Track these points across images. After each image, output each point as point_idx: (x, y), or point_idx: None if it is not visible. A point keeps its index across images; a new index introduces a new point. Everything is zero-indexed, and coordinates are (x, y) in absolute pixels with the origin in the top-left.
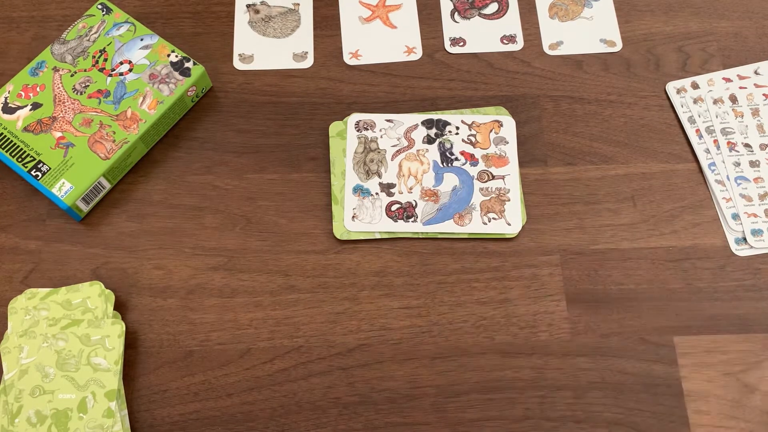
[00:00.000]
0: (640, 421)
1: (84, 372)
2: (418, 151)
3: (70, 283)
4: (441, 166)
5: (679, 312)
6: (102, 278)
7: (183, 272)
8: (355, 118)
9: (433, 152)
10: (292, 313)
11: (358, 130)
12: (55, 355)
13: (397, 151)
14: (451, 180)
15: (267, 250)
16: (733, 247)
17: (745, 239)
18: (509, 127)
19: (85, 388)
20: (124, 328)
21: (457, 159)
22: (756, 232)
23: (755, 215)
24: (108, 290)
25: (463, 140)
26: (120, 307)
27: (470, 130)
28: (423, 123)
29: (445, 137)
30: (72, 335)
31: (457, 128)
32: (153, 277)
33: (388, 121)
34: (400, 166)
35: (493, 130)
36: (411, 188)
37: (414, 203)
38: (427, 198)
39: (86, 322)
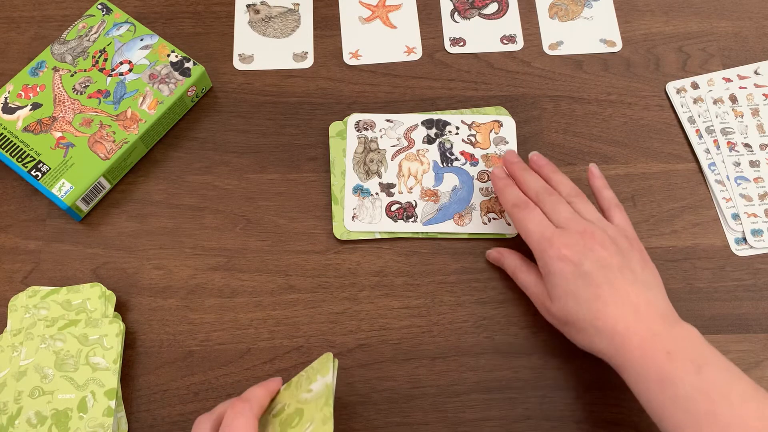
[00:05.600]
0: (640, 421)
1: (83, 372)
2: (418, 151)
3: (70, 283)
4: (441, 166)
5: (679, 312)
6: (102, 278)
7: (183, 272)
8: (355, 118)
9: (433, 152)
10: (292, 313)
11: (358, 130)
12: (54, 355)
13: (397, 151)
14: (451, 180)
15: (267, 250)
16: (733, 247)
17: (745, 239)
18: (509, 127)
19: (85, 387)
20: (122, 327)
21: (457, 159)
22: (756, 232)
23: (755, 215)
24: (109, 291)
25: (463, 140)
26: (120, 307)
27: (470, 130)
28: (423, 123)
29: (445, 137)
30: (70, 335)
31: (457, 128)
32: (153, 277)
33: (388, 121)
34: (400, 166)
35: (493, 130)
36: (411, 188)
37: (414, 203)
38: (427, 198)
39: (84, 322)
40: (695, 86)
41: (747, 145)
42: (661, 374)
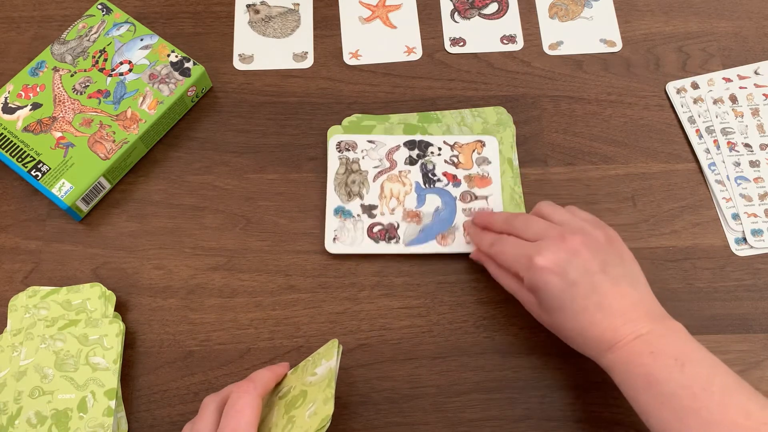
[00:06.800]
0: (640, 421)
1: (83, 372)
2: (400, 172)
3: (71, 283)
4: (423, 187)
5: (679, 312)
6: (102, 278)
7: (183, 272)
8: (336, 139)
9: (415, 173)
10: (292, 313)
11: (339, 151)
12: (54, 355)
13: (379, 172)
14: (433, 201)
15: (267, 250)
16: (733, 247)
17: (745, 239)
18: (492, 146)
19: (85, 387)
20: (122, 327)
21: (439, 180)
22: (756, 232)
23: (755, 215)
24: (109, 291)
25: (445, 161)
26: (120, 307)
27: (452, 151)
28: (405, 144)
29: (427, 158)
30: (70, 335)
31: (440, 149)
32: (153, 277)
33: (369, 142)
34: (381, 187)
35: (476, 151)
36: (393, 210)
37: (396, 224)
38: (409, 219)
39: (84, 322)
40: (695, 86)
41: (747, 145)
42: (646, 374)
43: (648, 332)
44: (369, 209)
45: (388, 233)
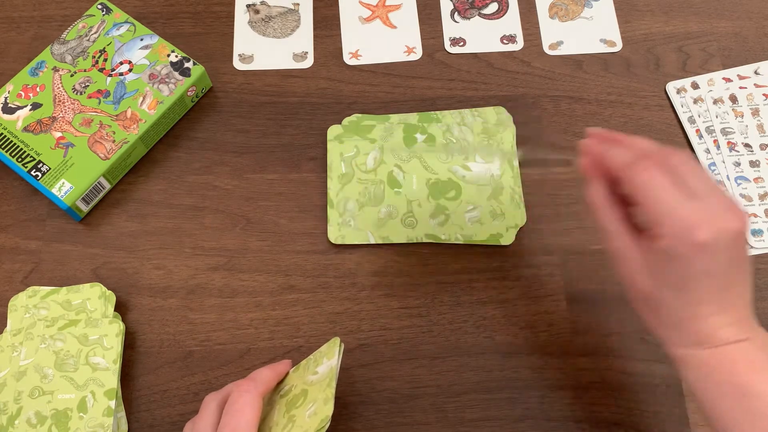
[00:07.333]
0: (640, 421)
1: (83, 372)
2: None
3: (70, 283)
4: None
5: None
6: (102, 278)
7: (183, 272)
8: None
9: None
10: (292, 313)
11: None
12: (54, 355)
13: None
14: None
15: (267, 250)
16: None
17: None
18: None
19: (85, 387)
20: (122, 327)
21: None
22: (756, 232)
23: (755, 215)
24: (109, 291)
25: None
26: (120, 307)
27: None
28: None
29: None
30: (70, 335)
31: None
32: (153, 277)
33: None
34: None
35: None
36: None
37: None
38: None
39: (84, 322)
40: (695, 86)
41: (747, 145)
42: (739, 384)
43: (747, 339)
44: None
45: None
